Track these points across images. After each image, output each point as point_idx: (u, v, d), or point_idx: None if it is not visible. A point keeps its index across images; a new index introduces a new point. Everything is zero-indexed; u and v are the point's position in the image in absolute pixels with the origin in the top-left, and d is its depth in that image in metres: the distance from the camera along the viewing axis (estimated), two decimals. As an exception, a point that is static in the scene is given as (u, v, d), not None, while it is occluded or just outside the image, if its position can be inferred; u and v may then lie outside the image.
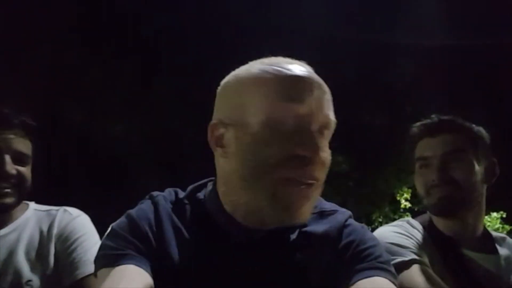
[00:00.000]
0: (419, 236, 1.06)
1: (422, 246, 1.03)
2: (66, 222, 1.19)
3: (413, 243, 1.02)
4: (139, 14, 8.48)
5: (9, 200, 1.12)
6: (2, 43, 7.06)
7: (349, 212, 0.80)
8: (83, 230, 1.19)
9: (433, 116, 1.12)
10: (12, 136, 1.12)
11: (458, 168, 1.05)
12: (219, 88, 0.76)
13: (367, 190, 9.44)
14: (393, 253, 0.96)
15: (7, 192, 1.11)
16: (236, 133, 0.69)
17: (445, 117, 1.11)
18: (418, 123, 1.14)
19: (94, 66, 8.08)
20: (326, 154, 0.68)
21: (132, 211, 0.75)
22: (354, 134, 10.00)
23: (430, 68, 8.98)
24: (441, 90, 8.61)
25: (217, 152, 0.73)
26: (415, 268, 0.94)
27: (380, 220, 9.45)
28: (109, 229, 0.75)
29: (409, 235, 1.05)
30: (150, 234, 0.71)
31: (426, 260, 0.97)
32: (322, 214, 0.77)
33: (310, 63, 0.74)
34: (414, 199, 9.58)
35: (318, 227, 0.75)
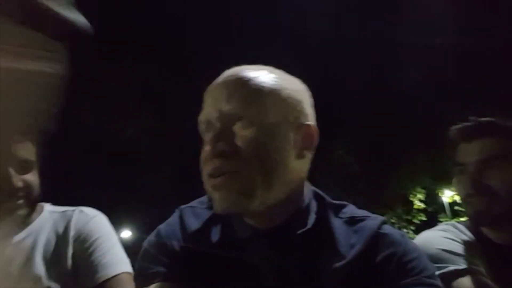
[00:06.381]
0: (469, 242, 0.97)
1: (474, 253, 0.93)
2: (83, 223, 1.12)
3: (465, 250, 0.92)
4: (162, 18, 8.49)
5: (23, 211, 1.08)
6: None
7: (381, 218, 0.75)
8: (101, 232, 1.13)
9: (471, 118, 1.03)
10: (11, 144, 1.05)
11: (495, 176, 0.96)
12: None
13: (379, 191, 9.31)
14: (444, 261, 0.87)
15: (19, 204, 1.07)
16: None
17: (483, 119, 1.02)
18: (456, 126, 1.05)
19: (109, 67, 8.09)
20: None
21: (161, 227, 0.79)
22: (365, 134, 9.86)
23: (444, 68, 8.84)
24: (456, 89, 8.46)
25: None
26: (471, 278, 0.85)
27: (393, 221, 9.30)
28: (142, 247, 0.80)
29: (459, 240, 0.96)
30: (178, 249, 0.74)
31: (482, 269, 0.88)
32: (352, 220, 0.75)
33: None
34: (428, 199, 9.41)
35: (347, 236, 0.72)
